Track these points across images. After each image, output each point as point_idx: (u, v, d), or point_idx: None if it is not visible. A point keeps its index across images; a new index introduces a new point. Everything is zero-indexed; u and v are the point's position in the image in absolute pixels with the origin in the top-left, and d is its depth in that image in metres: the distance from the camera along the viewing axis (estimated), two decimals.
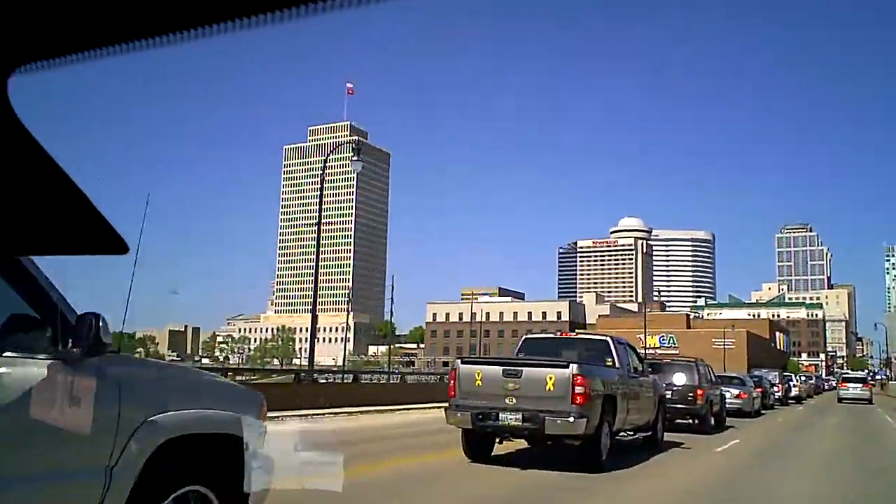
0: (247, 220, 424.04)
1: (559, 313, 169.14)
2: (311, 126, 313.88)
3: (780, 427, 23.63)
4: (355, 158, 25.99)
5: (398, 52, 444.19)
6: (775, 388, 37.05)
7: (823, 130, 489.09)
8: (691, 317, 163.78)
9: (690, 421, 19.06)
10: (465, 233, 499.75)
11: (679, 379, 19.17)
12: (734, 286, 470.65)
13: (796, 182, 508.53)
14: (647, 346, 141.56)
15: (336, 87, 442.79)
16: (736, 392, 26.27)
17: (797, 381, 46.47)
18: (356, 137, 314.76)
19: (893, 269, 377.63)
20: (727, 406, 25.24)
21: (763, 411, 30.40)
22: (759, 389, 31.19)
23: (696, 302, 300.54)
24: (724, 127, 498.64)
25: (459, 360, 11.26)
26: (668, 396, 16.80)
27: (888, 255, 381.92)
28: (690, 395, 18.71)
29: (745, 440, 18.04)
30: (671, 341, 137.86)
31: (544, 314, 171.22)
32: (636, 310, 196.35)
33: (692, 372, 19.35)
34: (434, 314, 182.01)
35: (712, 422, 19.63)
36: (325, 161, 26.31)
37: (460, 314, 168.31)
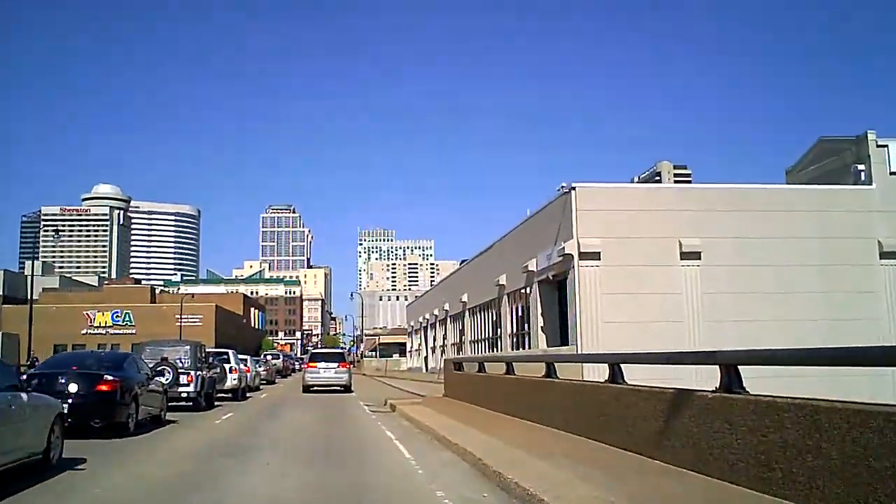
0: None
1: None
2: None
3: None
4: None
5: None
6: (182, 379, 18.45)
7: (301, 114, 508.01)
8: (157, 291, 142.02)
9: None
10: None
11: None
12: (218, 264, 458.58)
13: (280, 162, 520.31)
14: (99, 324, 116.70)
15: None
16: None
17: (242, 363, 28.55)
18: None
19: (365, 252, 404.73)
20: None
21: (122, 439, 11.10)
22: (106, 386, 11.99)
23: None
24: (214, 104, 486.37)
25: None
26: None
27: (360, 240, 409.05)
28: None
29: None
30: (126, 318, 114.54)
31: None
32: (97, 284, 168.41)
33: None
34: None
35: None
36: None
37: None
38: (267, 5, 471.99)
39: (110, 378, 13.03)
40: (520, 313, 34.72)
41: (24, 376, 12.55)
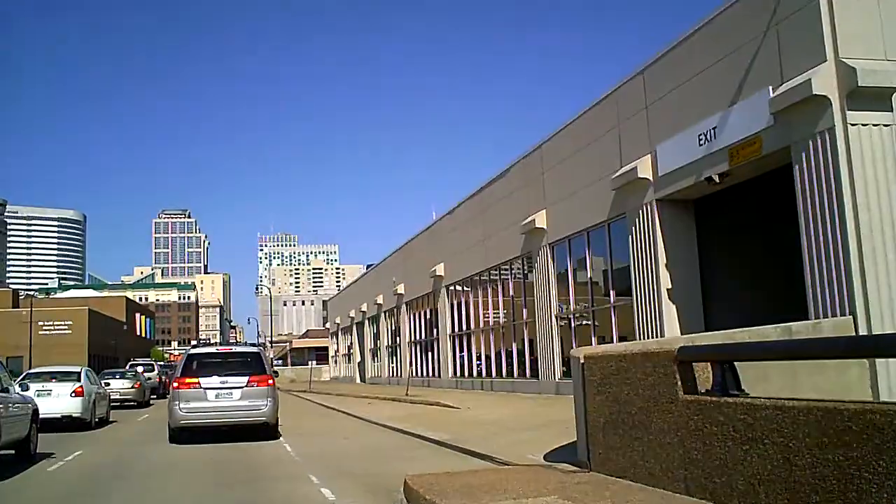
0: None
1: None
2: None
3: None
4: None
5: None
6: None
7: (197, 120, 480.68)
8: (22, 296, 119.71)
9: None
10: None
11: None
12: (108, 271, 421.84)
13: (175, 167, 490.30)
14: None
15: None
16: None
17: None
18: None
19: (266, 258, 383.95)
20: None
21: None
22: None
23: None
24: (100, 101, 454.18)
25: None
26: None
27: (261, 246, 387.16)
28: None
29: None
30: None
31: None
32: None
33: None
34: None
35: None
36: None
37: None
38: None
39: None
40: (588, 267, 19.08)
41: None
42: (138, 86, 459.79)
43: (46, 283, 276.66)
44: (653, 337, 15.02)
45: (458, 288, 28.94)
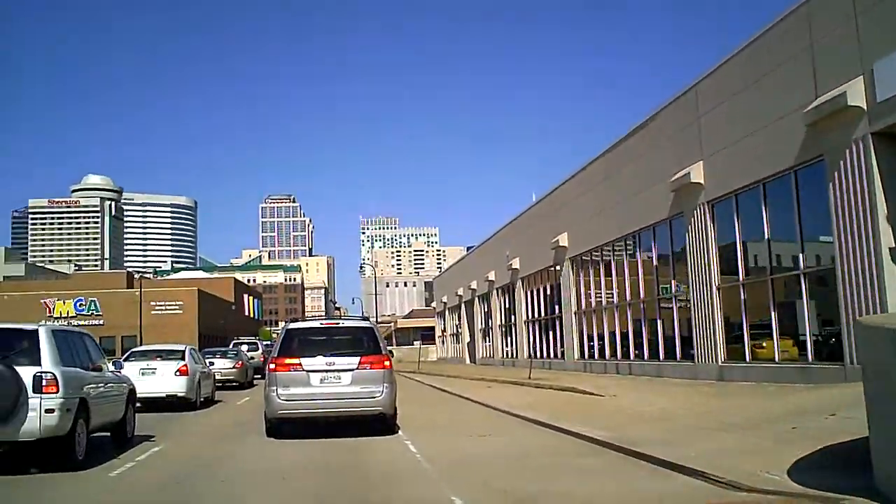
0: None
1: None
2: None
3: None
4: None
5: None
6: None
7: (303, 108, 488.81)
8: (137, 277, 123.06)
9: None
10: None
11: None
12: (217, 255, 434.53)
13: (279, 154, 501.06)
14: (60, 313, 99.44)
15: None
16: None
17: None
18: None
19: (368, 241, 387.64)
20: None
21: None
22: None
23: None
24: (207, 93, 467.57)
25: None
26: None
27: (363, 229, 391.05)
28: None
29: None
30: (92, 306, 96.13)
31: None
32: (69, 272, 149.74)
33: None
34: None
35: None
36: None
37: None
38: None
39: None
40: (765, 226, 15.62)
41: None
42: (240, 74, 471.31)
43: (160, 266, 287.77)
44: (866, 313, 11.67)
45: (586, 259, 25.81)
